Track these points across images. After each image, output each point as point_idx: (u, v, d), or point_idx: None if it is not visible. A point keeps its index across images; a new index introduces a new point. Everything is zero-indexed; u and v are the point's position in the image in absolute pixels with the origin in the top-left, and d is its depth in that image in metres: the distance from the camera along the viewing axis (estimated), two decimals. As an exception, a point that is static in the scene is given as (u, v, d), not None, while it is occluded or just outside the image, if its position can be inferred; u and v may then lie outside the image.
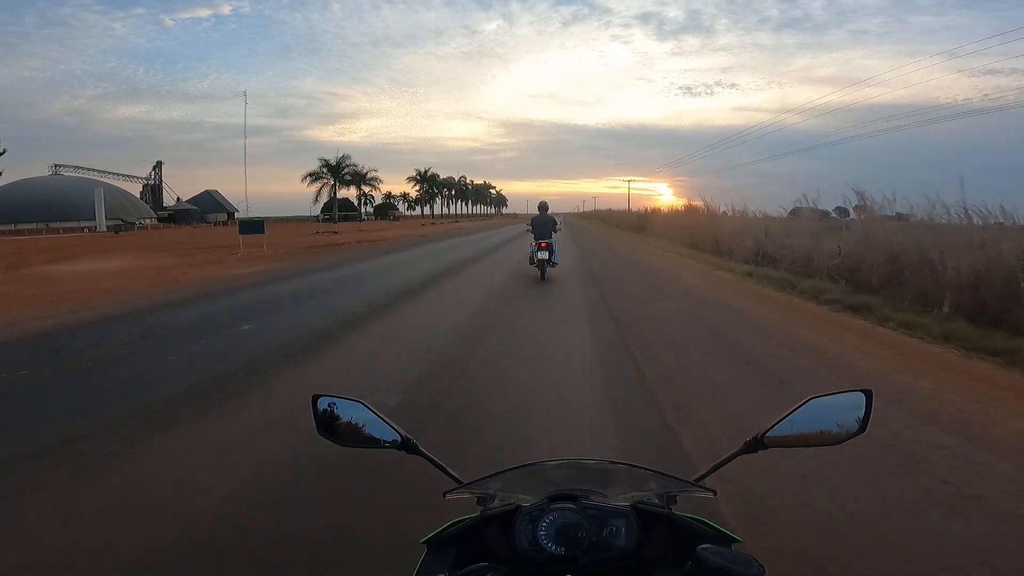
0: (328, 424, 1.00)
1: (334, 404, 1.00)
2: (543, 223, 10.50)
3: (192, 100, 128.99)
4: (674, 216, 26.00)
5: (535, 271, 10.65)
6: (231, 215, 64.04)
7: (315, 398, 1.01)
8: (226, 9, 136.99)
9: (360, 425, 0.99)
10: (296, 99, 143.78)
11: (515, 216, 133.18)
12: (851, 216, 11.13)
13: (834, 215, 13.63)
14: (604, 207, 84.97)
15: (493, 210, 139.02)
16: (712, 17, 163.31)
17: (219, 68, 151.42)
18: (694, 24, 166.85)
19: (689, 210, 24.76)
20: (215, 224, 56.56)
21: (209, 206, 64.52)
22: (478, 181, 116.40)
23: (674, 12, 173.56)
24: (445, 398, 3.96)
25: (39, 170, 56.43)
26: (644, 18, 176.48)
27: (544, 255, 10.29)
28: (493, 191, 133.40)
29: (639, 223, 32.38)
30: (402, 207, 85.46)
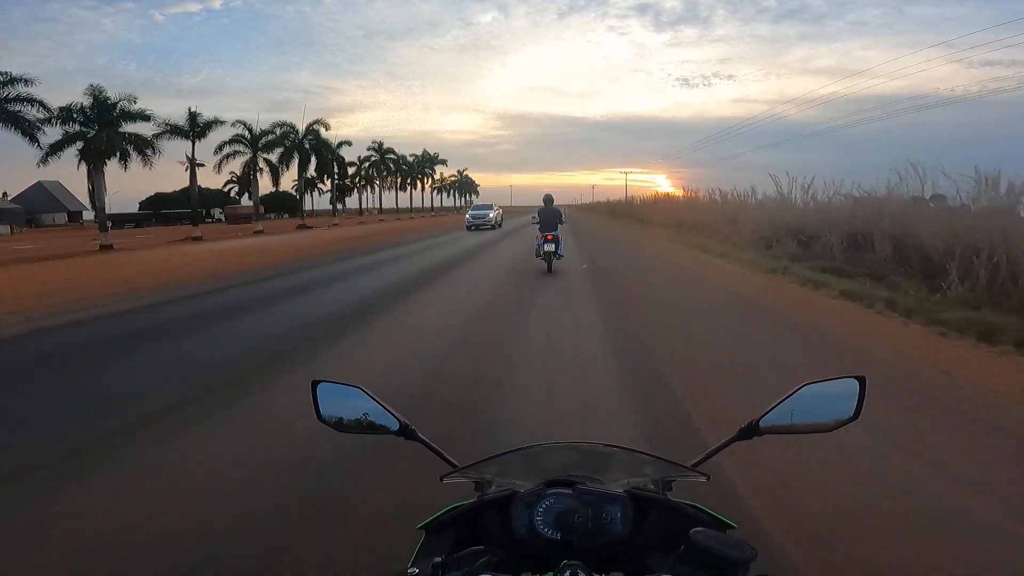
0: (328, 411, 1.00)
1: (334, 390, 1.00)
2: (549, 215, 10.54)
3: (185, 95, 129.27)
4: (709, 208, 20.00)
5: None
6: (76, 215, 50.36)
7: (314, 384, 1.01)
8: (216, 3, 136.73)
9: (360, 412, 0.99)
10: (290, 93, 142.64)
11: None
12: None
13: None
14: (602, 198, 74.36)
15: (462, 200, 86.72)
16: (710, 8, 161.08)
17: (212, 63, 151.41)
18: (691, 15, 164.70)
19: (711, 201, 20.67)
20: (31, 228, 42.21)
21: (43, 204, 48.94)
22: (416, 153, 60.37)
23: (671, 3, 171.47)
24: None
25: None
26: (641, 9, 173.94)
27: (551, 247, 10.35)
28: (439, 170, 70.78)
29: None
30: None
